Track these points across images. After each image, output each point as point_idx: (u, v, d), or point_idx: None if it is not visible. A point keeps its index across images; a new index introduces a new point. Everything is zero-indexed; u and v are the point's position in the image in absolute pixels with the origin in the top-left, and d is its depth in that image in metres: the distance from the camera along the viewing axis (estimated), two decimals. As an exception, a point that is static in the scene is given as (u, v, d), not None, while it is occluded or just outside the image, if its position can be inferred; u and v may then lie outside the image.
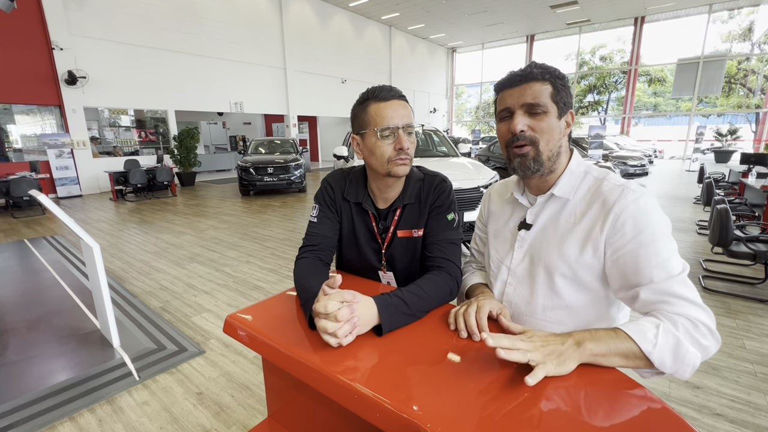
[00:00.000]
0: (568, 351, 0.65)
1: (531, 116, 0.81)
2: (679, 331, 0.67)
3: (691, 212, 6.38)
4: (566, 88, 0.83)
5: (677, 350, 0.66)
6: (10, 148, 9.04)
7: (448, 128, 23.61)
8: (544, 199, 0.88)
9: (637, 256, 0.74)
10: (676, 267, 0.73)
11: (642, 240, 0.74)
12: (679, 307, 0.70)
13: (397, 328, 0.79)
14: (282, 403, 0.95)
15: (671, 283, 0.71)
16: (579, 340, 0.67)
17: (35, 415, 1.90)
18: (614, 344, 0.67)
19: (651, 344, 0.66)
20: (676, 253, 0.74)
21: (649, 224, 0.74)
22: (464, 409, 0.56)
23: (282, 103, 13.85)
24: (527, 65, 0.83)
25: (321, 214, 1.10)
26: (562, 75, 0.83)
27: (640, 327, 0.68)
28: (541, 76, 0.81)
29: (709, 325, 0.69)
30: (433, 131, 5.77)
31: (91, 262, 2.41)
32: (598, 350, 0.66)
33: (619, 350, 0.67)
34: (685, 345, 0.66)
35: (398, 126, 0.96)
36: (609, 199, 0.79)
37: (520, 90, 0.82)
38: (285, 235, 5.39)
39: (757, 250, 3.09)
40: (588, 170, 0.87)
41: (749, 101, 18.86)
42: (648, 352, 0.65)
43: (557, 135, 0.83)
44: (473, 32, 19.21)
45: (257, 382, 2.15)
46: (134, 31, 9.71)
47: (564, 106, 0.83)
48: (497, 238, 0.99)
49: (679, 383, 2.09)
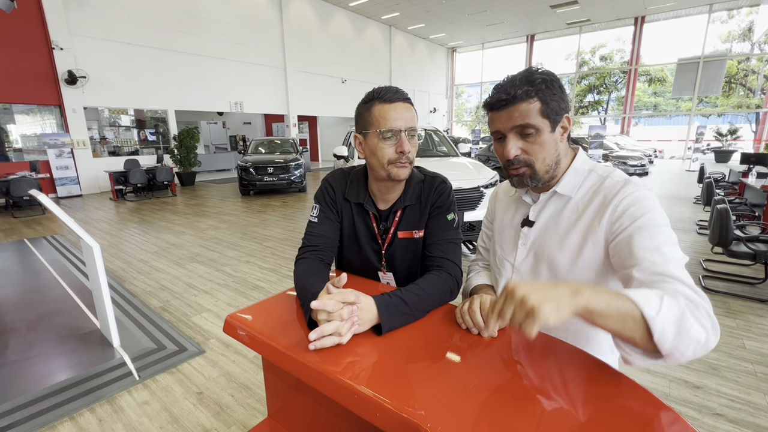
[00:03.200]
0: (562, 297, 0.57)
1: (523, 138, 0.81)
2: (682, 305, 0.61)
3: (691, 212, 6.38)
4: (557, 94, 0.79)
5: (681, 322, 0.58)
6: (10, 148, 9.03)
7: (448, 128, 23.61)
8: (546, 196, 0.88)
9: (633, 239, 0.73)
10: (673, 253, 0.69)
11: (638, 224, 0.73)
12: (678, 286, 0.65)
13: (396, 327, 0.79)
14: (282, 402, 0.95)
15: (668, 265, 0.68)
16: (577, 288, 0.59)
17: (35, 414, 1.90)
18: (614, 302, 0.58)
19: (654, 310, 0.58)
20: (675, 244, 0.71)
21: (647, 212, 0.73)
22: (464, 408, 0.56)
23: (282, 102, 13.85)
24: (511, 82, 0.79)
25: (321, 214, 1.09)
26: (551, 80, 0.79)
27: (642, 293, 0.61)
28: (527, 94, 0.78)
29: (709, 310, 0.62)
30: (433, 131, 5.77)
31: (91, 262, 2.41)
32: (596, 302, 0.57)
33: (618, 309, 0.58)
34: (690, 319, 0.59)
35: (401, 129, 0.96)
36: (610, 193, 0.79)
37: (507, 113, 0.80)
38: (285, 234, 5.39)
39: (757, 250, 3.09)
40: (593, 168, 0.86)
41: (749, 101, 18.86)
42: (650, 317, 0.57)
43: (552, 149, 0.82)
44: (473, 32, 19.21)
45: (257, 381, 2.15)
46: (134, 30, 9.71)
47: (557, 116, 0.80)
48: (502, 235, 1.00)
49: (679, 383, 2.09)
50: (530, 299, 0.55)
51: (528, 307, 0.55)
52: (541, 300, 0.55)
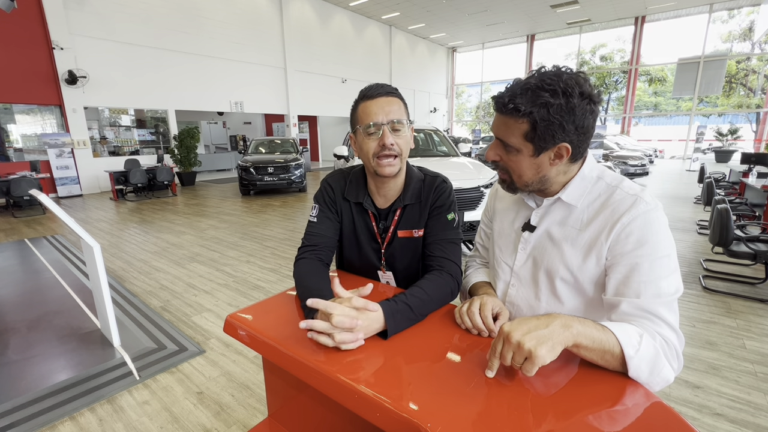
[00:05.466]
0: (555, 335, 0.60)
1: (505, 148, 0.80)
2: (657, 346, 0.66)
3: (692, 212, 6.38)
4: (559, 120, 0.71)
5: (656, 362, 0.64)
6: (10, 148, 9.04)
7: (448, 128, 23.60)
8: (550, 201, 0.85)
9: (632, 268, 0.72)
10: (667, 288, 0.71)
11: (641, 253, 0.72)
12: (659, 327, 0.69)
13: (400, 331, 0.79)
14: (282, 402, 0.96)
15: (656, 304, 0.70)
16: (566, 323, 0.62)
17: (36, 414, 1.90)
18: (599, 336, 0.63)
19: (634, 349, 0.63)
20: (674, 274, 0.72)
21: (654, 240, 0.72)
22: (464, 408, 0.56)
23: (282, 102, 13.85)
24: (512, 89, 0.74)
25: (321, 214, 1.10)
26: (562, 105, 0.70)
27: (625, 329, 0.66)
28: (515, 112, 0.73)
29: (677, 350, 0.68)
30: (433, 131, 5.77)
31: (92, 262, 2.41)
32: (584, 338, 0.62)
33: (602, 344, 0.63)
34: (662, 360, 0.65)
35: (381, 122, 0.95)
36: (619, 209, 0.75)
37: (498, 120, 0.78)
38: (285, 234, 5.39)
39: (757, 249, 3.08)
40: (601, 175, 0.82)
41: (750, 101, 18.85)
42: (629, 356, 0.63)
43: (531, 172, 0.79)
44: (473, 32, 19.20)
45: (257, 381, 2.15)
46: (134, 30, 9.71)
47: (545, 144, 0.74)
48: (501, 236, 0.97)
49: (680, 383, 2.09)
50: (526, 344, 0.59)
51: (525, 351, 0.59)
52: (537, 344, 0.59)
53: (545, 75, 0.73)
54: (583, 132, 0.74)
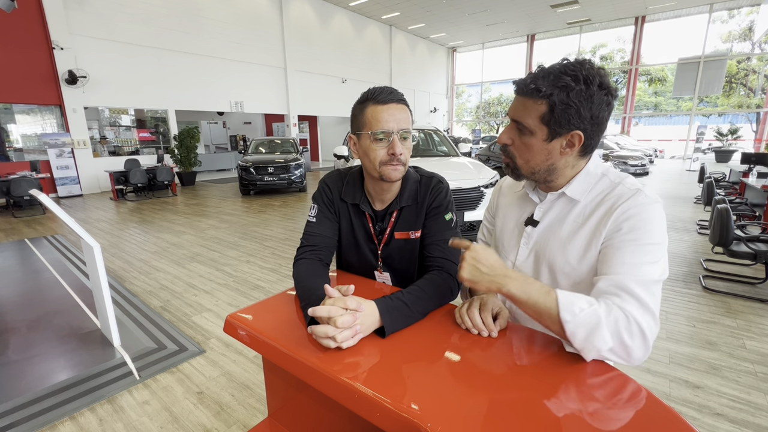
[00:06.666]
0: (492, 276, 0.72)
1: (518, 131, 0.81)
2: (608, 318, 0.65)
3: (692, 212, 6.38)
4: (577, 105, 0.73)
5: (593, 331, 0.65)
6: (10, 148, 9.03)
7: (448, 128, 23.59)
8: (554, 196, 0.86)
9: (618, 250, 0.73)
10: (649, 272, 0.70)
11: (629, 238, 0.73)
12: (626, 303, 0.67)
13: (399, 329, 0.79)
14: (282, 402, 0.96)
15: (631, 281, 0.69)
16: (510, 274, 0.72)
17: (36, 414, 1.90)
18: (535, 295, 0.70)
19: (571, 314, 0.66)
20: (659, 262, 0.71)
21: (645, 228, 0.73)
22: (464, 408, 0.56)
23: (282, 102, 13.84)
24: (537, 73, 0.76)
25: (320, 214, 1.09)
26: (582, 90, 0.73)
27: (572, 297, 0.68)
28: (536, 93, 0.74)
29: (644, 329, 0.65)
30: (433, 131, 5.77)
31: (92, 262, 2.41)
32: (520, 289, 0.70)
33: (536, 303, 0.69)
34: (603, 330, 0.64)
35: (392, 131, 0.95)
36: (618, 201, 0.77)
37: (518, 101, 0.80)
38: (285, 234, 5.39)
39: (757, 249, 3.08)
40: (606, 172, 0.84)
41: (750, 101, 18.84)
42: (565, 320, 0.66)
43: (541, 157, 0.80)
44: (474, 32, 19.19)
45: (257, 381, 2.15)
46: (134, 30, 9.71)
47: (560, 128, 0.76)
48: (504, 232, 0.98)
49: (680, 383, 2.09)
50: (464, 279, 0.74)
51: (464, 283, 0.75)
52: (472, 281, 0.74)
53: (569, 63, 0.76)
54: (597, 123, 0.76)
